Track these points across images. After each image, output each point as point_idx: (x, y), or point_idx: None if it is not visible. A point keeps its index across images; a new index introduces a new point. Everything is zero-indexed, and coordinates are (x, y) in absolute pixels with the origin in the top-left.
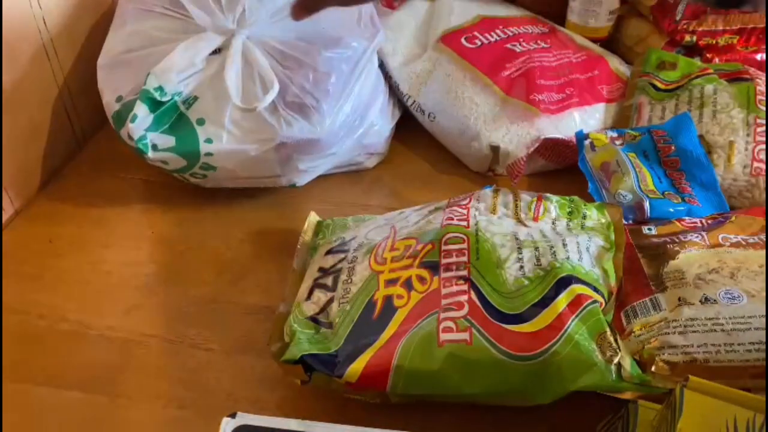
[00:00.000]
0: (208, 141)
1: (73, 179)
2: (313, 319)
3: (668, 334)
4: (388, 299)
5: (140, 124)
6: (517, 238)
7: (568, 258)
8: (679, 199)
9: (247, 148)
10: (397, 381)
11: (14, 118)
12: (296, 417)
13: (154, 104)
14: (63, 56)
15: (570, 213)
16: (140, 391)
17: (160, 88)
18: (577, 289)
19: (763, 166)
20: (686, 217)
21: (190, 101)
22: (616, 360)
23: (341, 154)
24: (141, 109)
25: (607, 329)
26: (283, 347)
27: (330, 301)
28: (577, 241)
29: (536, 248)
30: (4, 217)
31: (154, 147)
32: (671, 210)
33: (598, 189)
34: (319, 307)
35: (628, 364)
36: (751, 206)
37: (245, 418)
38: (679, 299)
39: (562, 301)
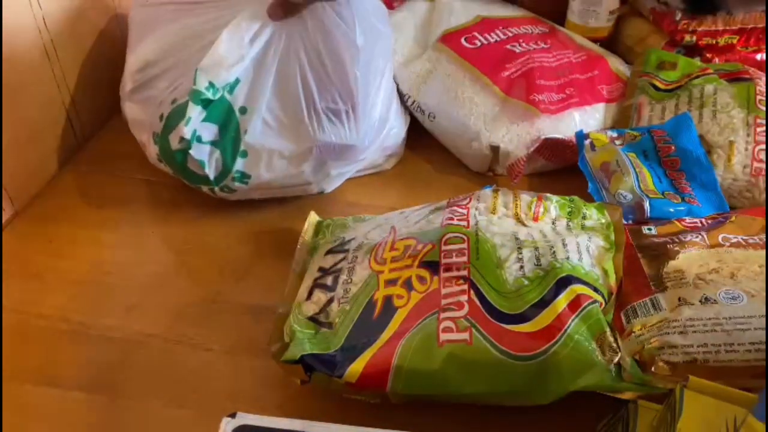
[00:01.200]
0: (245, 132)
1: (73, 179)
2: (313, 319)
3: (668, 334)
4: (388, 299)
5: (193, 125)
6: (517, 238)
7: (568, 258)
8: (679, 199)
9: (282, 147)
10: (397, 381)
11: (14, 118)
12: (296, 417)
13: (206, 102)
14: (63, 56)
15: (570, 213)
16: (140, 391)
17: (211, 85)
18: (577, 289)
19: (763, 166)
20: (686, 217)
21: (233, 84)
22: (616, 360)
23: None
24: (194, 111)
25: (607, 329)
26: (283, 347)
27: (330, 301)
28: (577, 241)
29: (536, 248)
30: (4, 217)
31: (199, 138)
32: (671, 210)
33: (598, 189)
34: (319, 307)
35: (628, 364)
36: (751, 206)
37: (245, 418)
38: (679, 299)
39: (561, 301)
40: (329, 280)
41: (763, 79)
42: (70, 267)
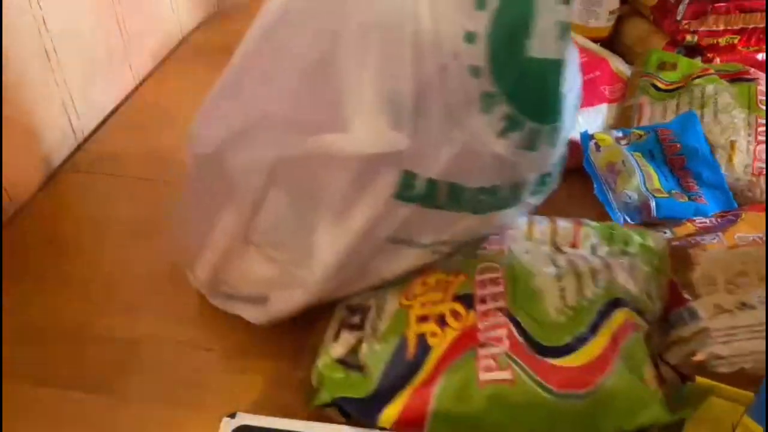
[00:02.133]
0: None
1: (73, 179)
2: (342, 362)
3: (712, 345)
4: (421, 337)
5: None
6: (556, 265)
7: (611, 283)
8: (686, 198)
9: None
10: (435, 425)
11: (14, 118)
12: (296, 417)
13: None
14: (63, 56)
15: (610, 239)
16: (140, 391)
17: None
18: (624, 314)
19: (764, 166)
20: (696, 217)
21: None
22: (663, 391)
23: None
24: None
25: (656, 358)
26: (313, 393)
27: (359, 341)
28: (620, 264)
29: (577, 274)
30: (4, 217)
31: None
32: (678, 209)
33: (604, 189)
34: (348, 348)
35: (676, 389)
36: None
37: (245, 418)
38: (715, 306)
39: (608, 329)
40: (357, 319)
41: (764, 79)
42: (70, 267)
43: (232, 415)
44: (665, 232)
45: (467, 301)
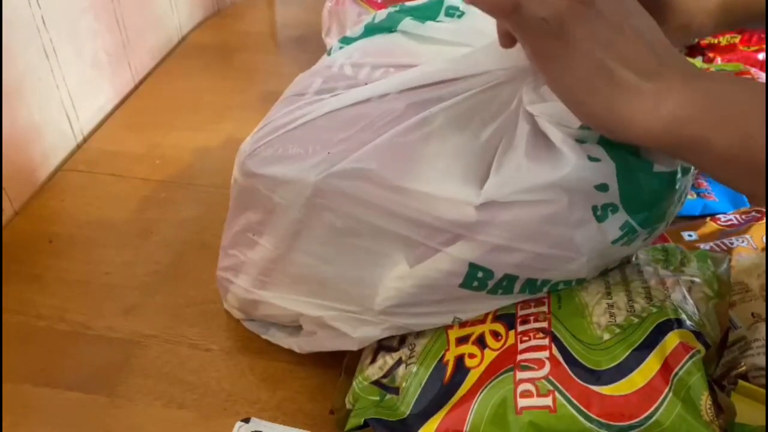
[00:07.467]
0: None
1: (73, 179)
2: (378, 384)
3: (753, 355)
4: (459, 360)
5: None
6: (605, 281)
7: (666, 300)
8: (694, 195)
9: None
10: None
11: (13, 118)
12: (295, 417)
13: None
14: (63, 56)
15: (666, 261)
16: (140, 391)
17: None
18: (679, 335)
19: None
20: (719, 215)
21: None
22: (721, 424)
23: None
24: None
25: (714, 388)
26: (346, 414)
27: (396, 363)
28: (677, 282)
29: (628, 291)
30: (4, 218)
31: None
32: (686, 205)
33: None
34: (384, 371)
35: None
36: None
37: (259, 425)
38: (753, 314)
39: (661, 352)
40: (395, 341)
41: (765, 78)
42: (70, 267)
43: (246, 420)
44: (690, 235)
45: (508, 321)
